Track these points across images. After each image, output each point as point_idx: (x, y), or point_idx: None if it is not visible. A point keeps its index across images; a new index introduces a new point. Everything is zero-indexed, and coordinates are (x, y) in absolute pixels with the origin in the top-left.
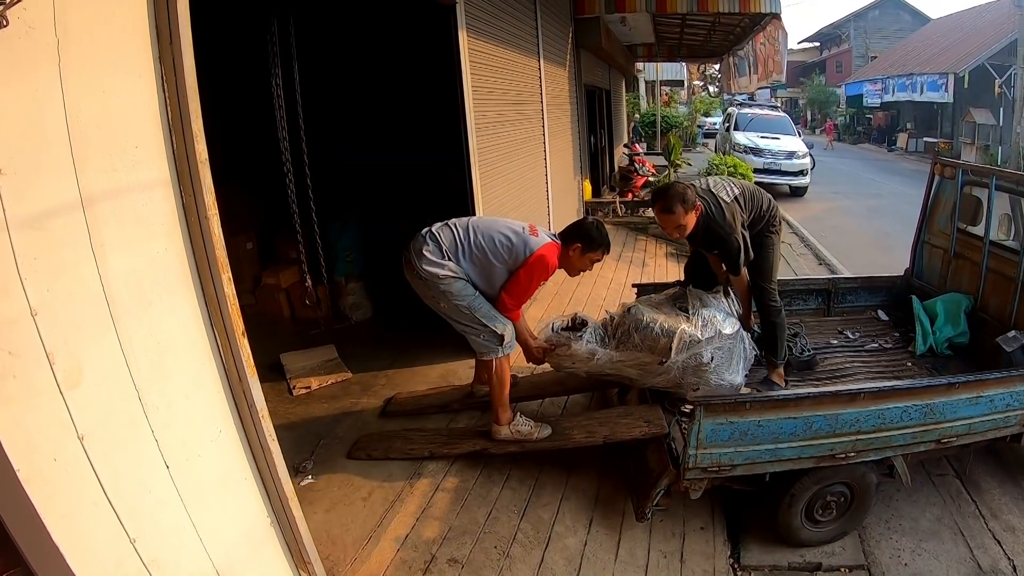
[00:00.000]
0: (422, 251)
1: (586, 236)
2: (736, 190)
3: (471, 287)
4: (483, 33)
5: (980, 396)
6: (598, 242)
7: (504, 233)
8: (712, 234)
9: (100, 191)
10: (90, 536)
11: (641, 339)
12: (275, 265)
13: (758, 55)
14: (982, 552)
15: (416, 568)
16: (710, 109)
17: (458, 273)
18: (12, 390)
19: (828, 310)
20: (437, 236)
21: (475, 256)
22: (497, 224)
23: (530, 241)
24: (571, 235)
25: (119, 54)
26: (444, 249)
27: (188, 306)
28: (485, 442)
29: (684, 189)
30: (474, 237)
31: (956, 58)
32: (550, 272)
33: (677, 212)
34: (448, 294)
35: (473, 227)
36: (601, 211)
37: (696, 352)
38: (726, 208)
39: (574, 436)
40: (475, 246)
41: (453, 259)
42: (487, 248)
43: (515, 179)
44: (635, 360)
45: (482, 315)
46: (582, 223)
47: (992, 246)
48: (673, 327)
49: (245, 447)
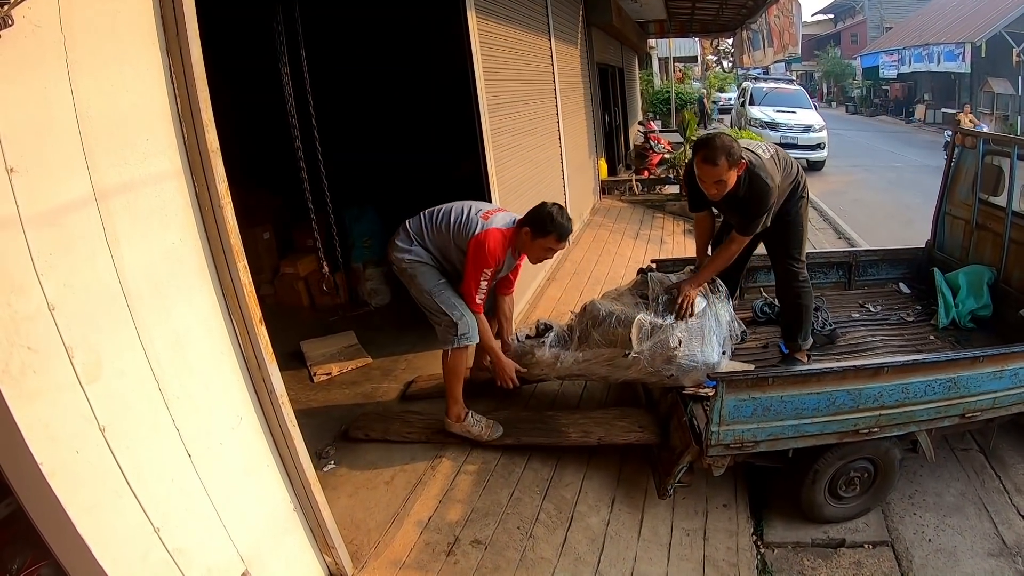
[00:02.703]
0: (394, 240)
1: (537, 221)
2: (771, 150)
3: (437, 273)
4: (492, 13)
5: (1004, 369)
6: (548, 228)
7: (459, 214)
8: (754, 188)
9: (112, 185)
10: (115, 527)
11: (601, 335)
12: (293, 254)
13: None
14: (1006, 527)
15: (440, 550)
16: (724, 84)
17: (423, 258)
18: (33, 385)
19: (849, 283)
20: (407, 225)
21: (436, 239)
22: (456, 206)
23: (479, 224)
24: (525, 219)
25: (125, 48)
26: (412, 235)
27: (205, 296)
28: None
29: (731, 141)
30: (435, 220)
31: (973, 27)
32: (492, 258)
33: (721, 165)
34: (413, 278)
35: (436, 211)
36: (617, 189)
37: (661, 338)
38: (767, 162)
39: (570, 435)
40: (434, 228)
41: (419, 244)
42: (443, 229)
43: (530, 160)
44: (600, 357)
45: (441, 301)
46: (539, 207)
47: (1015, 216)
48: (631, 317)
49: (266, 434)
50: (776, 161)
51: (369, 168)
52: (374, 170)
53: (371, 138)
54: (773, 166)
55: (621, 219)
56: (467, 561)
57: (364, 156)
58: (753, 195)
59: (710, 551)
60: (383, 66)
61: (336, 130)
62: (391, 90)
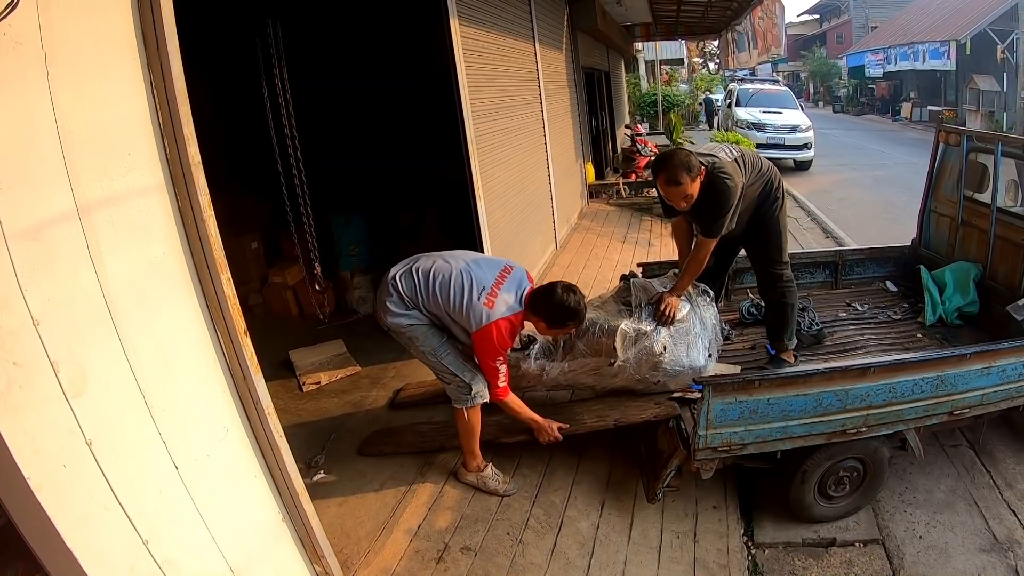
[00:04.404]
0: (386, 303)
1: (552, 314)
2: (736, 152)
3: (438, 332)
4: (475, 20)
5: (992, 366)
6: (566, 321)
7: (461, 291)
8: (713, 189)
9: (95, 199)
10: (103, 540)
11: (585, 345)
12: (281, 263)
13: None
14: (997, 523)
15: (429, 558)
16: (711, 86)
17: (422, 321)
18: (19, 400)
19: (836, 283)
20: (398, 285)
21: (433, 307)
22: (455, 276)
23: (484, 314)
24: (537, 307)
25: (106, 63)
26: (405, 299)
27: (189, 308)
28: (496, 431)
29: (687, 156)
30: (432, 288)
31: (957, 25)
32: (502, 349)
33: (684, 182)
34: (414, 340)
35: (432, 277)
36: (605, 193)
37: (646, 345)
38: (727, 164)
39: (585, 421)
40: (432, 298)
41: (415, 307)
42: (440, 304)
43: (516, 165)
44: (585, 367)
45: (449, 363)
46: (550, 295)
47: (999, 213)
48: (615, 325)
49: (253, 445)
50: (741, 163)
51: (354, 176)
52: (360, 178)
53: (355, 146)
54: (735, 167)
55: (609, 223)
56: (457, 568)
57: (349, 164)
58: (712, 195)
59: (700, 553)
60: (366, 74)
61: (320, 139)
62: (375, 98)
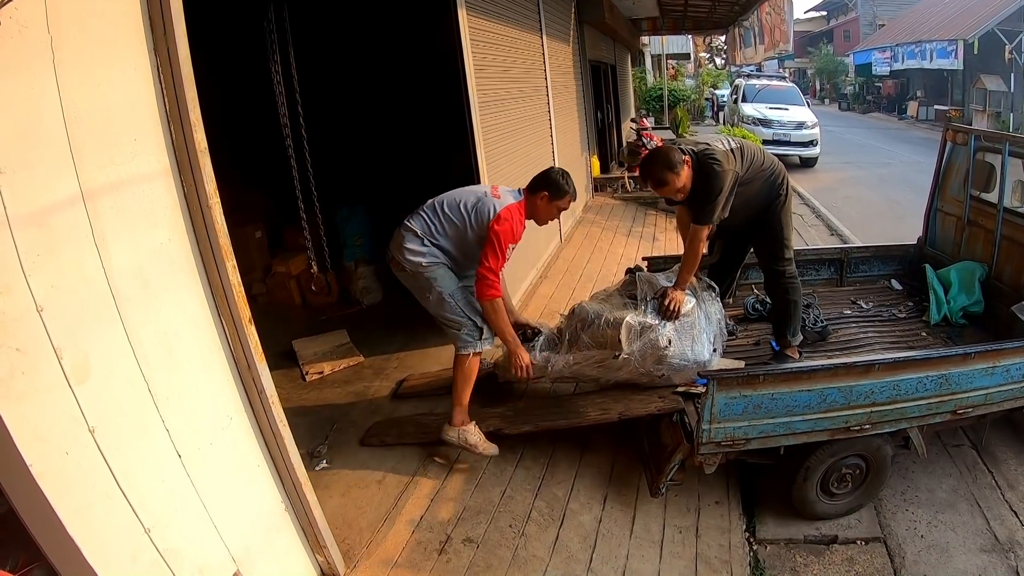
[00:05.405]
0: (403, 244)
1: (553, 184)
2: (733, 143)
3: (453, 275)
4: (483, 11)
5: (996, 366)
6: (564, 189)
7: (468, 200)
8: (702, 174)
9: (100, 185)
10: (105, 528)
11: (590, 337)
12: (284, 253)
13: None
14: (999, 523)
15: (431, 549)
16: (717, 81)
17: (439, 258)
18: (22, 386)
19: (841, 280)
20: (411, 226)
21: (448, 230)
22: (460, 194)
23: (494, 204)
24: (538, 185)
25: (113, 48)
26: (421, 236)
27: (194, 295)
28: (499, 422)
29: (666, 153)
30: (442, 213)
31: (965, 24)
32: (517, 231)
33: (670, 180)
34: (433, 281)
35: (438, 204)
36: (610, 187)
37: (651, 338)
38: (720, 152)
39: (589, 414)
40: (445, 221)
41: (430, 242)
42: (455, 219)
43: (521, 157)
44: (590, 359)
45: (463, 306)
46: (548, 172)
47: (1006, 213)
48: (620, 318)
49: (257, 434)
50: (738, 154)
51: (359, 167)
52: (364, 169)
53: (361, 137)
54: (727, 155)
55: (613, 216)
56: (459, 559)
57: (354, 155)
58: (702, 181)
59: (702, 548)
60: (373, 65)
61: (326, 129)
62: (382, 89)
